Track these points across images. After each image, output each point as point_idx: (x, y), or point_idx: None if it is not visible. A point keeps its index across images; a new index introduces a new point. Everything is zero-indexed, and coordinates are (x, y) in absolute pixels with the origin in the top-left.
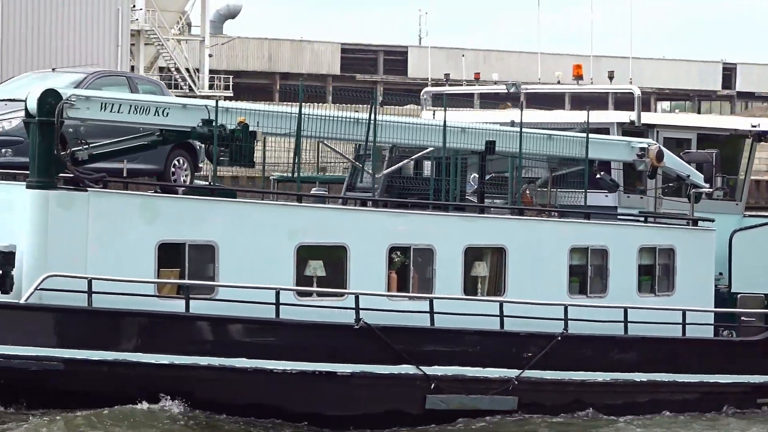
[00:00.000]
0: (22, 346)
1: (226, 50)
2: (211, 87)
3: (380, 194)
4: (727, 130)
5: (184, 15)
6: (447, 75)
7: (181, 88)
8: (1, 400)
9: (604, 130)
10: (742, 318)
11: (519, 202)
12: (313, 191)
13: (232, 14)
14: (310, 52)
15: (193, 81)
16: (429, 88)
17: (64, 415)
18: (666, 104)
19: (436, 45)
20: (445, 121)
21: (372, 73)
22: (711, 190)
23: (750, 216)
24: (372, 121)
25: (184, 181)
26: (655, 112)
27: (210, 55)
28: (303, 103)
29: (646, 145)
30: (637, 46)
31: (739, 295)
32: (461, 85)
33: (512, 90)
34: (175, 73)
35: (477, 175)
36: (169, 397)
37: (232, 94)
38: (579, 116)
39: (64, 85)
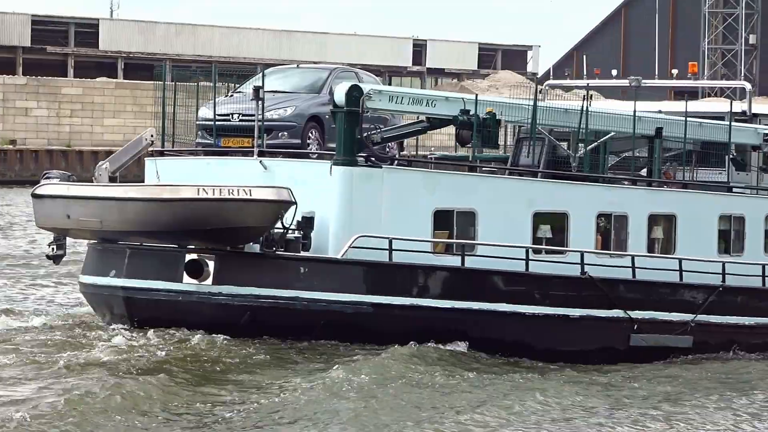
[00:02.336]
0: (340, 293)
1: None
2: None
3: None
4: None
5: None
6: (565, 70)
7: None
8: (321, 336)
9: (719, 117)
10: None
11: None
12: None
13: None
14: (0, 23)
15: None
16: (551, 81)
17: (371, 348)
18: None
19: (128, 18)
20: (635, 111)
21: (63, 45)
22: None
23: None
24: (586, 111)
25: None
26: None
27: None
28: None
29: None
30: (328, 21)
31: None
32: (582, 78)
33: (633, 84)
34: None
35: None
36: (447, 336)
37: None
38: (694, 106)
39: (314, 80)
